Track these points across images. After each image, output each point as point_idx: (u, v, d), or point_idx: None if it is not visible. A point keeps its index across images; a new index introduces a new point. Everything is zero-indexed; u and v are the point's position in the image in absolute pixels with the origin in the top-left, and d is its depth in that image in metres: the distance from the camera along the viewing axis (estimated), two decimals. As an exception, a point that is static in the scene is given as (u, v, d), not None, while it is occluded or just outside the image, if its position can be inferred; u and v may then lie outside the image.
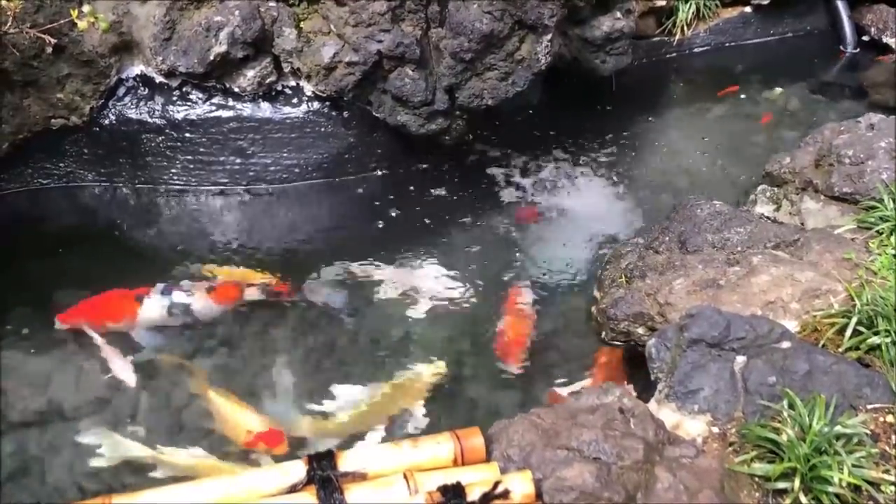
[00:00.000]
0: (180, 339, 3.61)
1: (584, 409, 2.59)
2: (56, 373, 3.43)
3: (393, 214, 4.47)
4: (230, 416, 3.24)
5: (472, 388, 3.44)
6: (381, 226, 4.41)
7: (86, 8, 3.75)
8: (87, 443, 3.15)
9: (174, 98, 4.33)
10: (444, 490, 2.27)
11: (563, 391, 3.34)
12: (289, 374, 3.50)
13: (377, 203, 4.55)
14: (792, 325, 2.97)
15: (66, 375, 3.42)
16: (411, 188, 4.65)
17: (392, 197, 4.58)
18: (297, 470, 2.37)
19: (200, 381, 3.37)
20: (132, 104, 4.32)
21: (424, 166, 4.77)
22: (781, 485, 2.37)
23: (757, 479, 2.42)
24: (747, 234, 3.56)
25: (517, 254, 4.20)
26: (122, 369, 3.42)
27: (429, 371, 3.48)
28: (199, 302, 3.71)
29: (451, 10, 4.13)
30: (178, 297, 3.70)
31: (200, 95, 4.34)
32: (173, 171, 4.48)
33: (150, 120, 4.33)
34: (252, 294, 3.83)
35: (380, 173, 4.70)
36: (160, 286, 3.73)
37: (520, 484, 2.29)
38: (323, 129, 4.47)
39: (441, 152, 4.70)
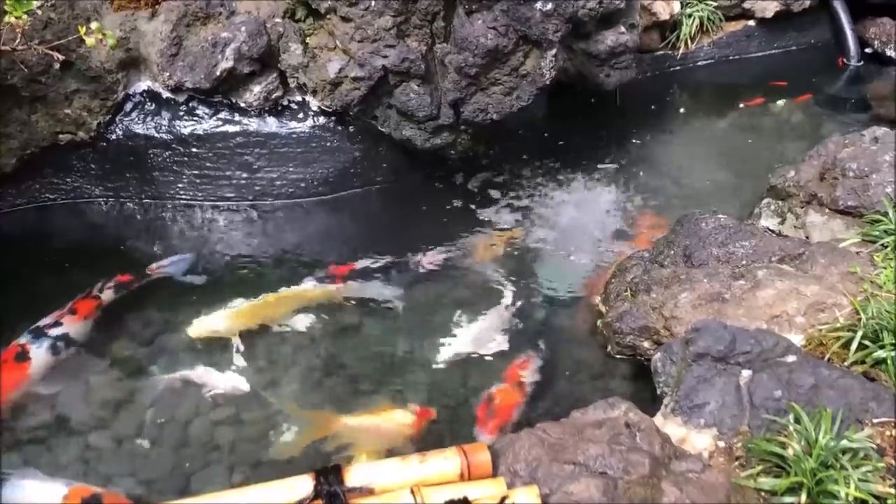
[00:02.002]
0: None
1: (590, 424, 2.60)
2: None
3: (396, 227, 4.52)
4: (380, 425, 3.17)
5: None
6: (386, 236, 4.46)
7: (93, 25, 3.78)
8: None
9: (181, 113, 4.37)
10: (451, 505, 2.28)
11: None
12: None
13: (380, 217, 4.61)
14: (797, 339, 2.97)
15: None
16: (414, 203, 4.67)
17: (395, 211, 4.63)
18: (304, 485, 2.38)
19: (327, 420, 3.26)
20: (139, 119, 4.36)
21: (428, 181, 4.80)
22: (788, 499, 2.38)
23: (763, 493, 2.42)
24: (752, 247, 3.56)
25: (518, 261, 4.22)
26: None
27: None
28: (72, 326, 3.63)
29: (456, 25, 4.15)
30: (54, 331, 3.57)
31: (207, 110, 4.38)
32: (180, 185, 4.51)
33: (156, 135, 4.36)
34: (108, 296, 3.85)
35: (384, 187, 4.73)
36: (27, 336, 3.53)
37: (526, 498, 2.30)
38: (328, 144, 4.50)
39: (444, 166, 4.72)
